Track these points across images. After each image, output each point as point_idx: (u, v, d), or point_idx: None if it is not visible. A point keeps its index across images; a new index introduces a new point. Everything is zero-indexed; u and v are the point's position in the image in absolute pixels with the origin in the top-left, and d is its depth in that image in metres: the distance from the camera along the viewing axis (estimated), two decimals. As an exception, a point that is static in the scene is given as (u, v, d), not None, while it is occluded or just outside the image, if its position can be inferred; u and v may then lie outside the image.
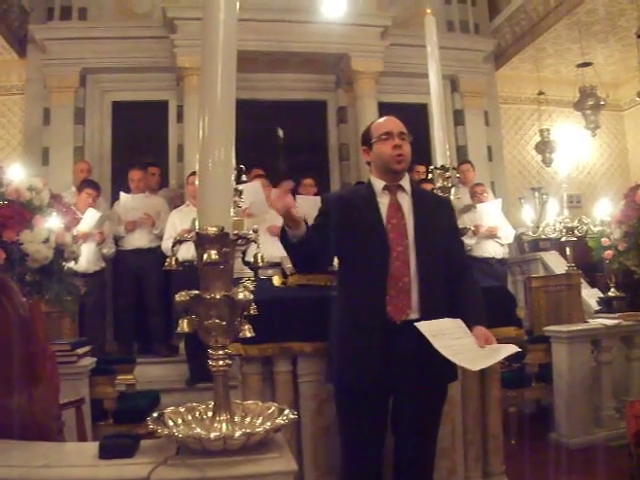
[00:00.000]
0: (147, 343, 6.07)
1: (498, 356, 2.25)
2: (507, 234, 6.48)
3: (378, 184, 2.46)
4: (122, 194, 6.08)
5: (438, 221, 2.46)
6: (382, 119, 2.52)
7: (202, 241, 1.44)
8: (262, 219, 5.57)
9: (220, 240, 1.43)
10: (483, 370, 3.03)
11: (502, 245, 6.44)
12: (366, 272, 2.34)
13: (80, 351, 3.78)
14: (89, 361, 3.83)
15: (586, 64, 7.96)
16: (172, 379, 5.47)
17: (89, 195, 5.63)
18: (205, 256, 1.42)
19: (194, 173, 4.90)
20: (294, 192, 6.32)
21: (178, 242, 1.54)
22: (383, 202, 2.43)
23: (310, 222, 2.42)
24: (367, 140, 2.50)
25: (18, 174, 3.50)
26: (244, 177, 3.32)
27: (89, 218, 5.46)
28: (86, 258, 5.49)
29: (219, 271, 1.45)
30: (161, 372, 5.52)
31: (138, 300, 6.01)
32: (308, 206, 6.14)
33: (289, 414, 1.55)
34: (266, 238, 5.47)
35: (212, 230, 1.42)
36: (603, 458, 3.76)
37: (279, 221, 5.75)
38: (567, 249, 5.33)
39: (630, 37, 7.43)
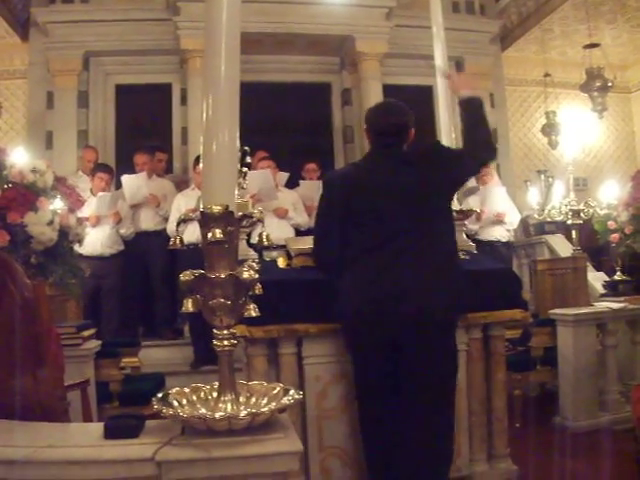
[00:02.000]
0: (152, 326, 6.08)
1: None
2: (513, 220, 6.46)
3: None
4: (123, 177, 6.01)
5: None
6: None
7: (207, 220, 1.43)
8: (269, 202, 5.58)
9: (225, 219, 1.42)
10: (489, 353, 3.05)
11: (508, 229, 6.43)
12: None
13: (85, 334, 3.78)
14: (94, 344, 3.83)
15: (593, 45, 7.86)
16: (177, 362, 5.50)
17: (102, 179, 5.62)
18: (210, 235, 1.41)
19: (199, 159, 4.85)
20: (298, 177, 6.35)
21: (183, 221, 1.53)
22: None
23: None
24: None
25: (22, 158, 3.49)
26: (248, 159, 3.29)
27: (100, 201, 5.46)
28: (100, 242, 5.50)
29: (224, 250, 1.44)
30: (166, 355, 5.54)
31: (143, 283, 6.00)
32: (312, 190, 6.20)
33: (294, 394, 1.54)
34: (272, 220, 5.49)
35: (217, 209, 1.40)
36: (608, 442, 3.76)
37: (286, 204, 5.82)
38: (573, 232, 5.31)
39: (639, 18, 7.34)
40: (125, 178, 5.91)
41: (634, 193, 4.66)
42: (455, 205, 3.24)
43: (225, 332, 1.49)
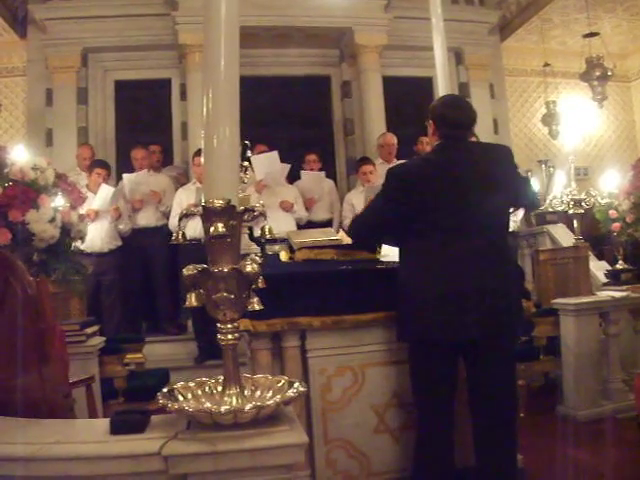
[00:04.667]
0: (155, 322, 6.10)
1: None
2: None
3: None
4: (125, 175, 6.05)
5: None
6: None
7: (209, 214, 1.42)
8: (273, 193, 5.57)
9: (227, 212, 1.42)
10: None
11: (514, 220, 6.40)
12: None
13: (89, 330, 3.79)
14: (98, 340, 3.84)
15: (593, 34, 7.83)
16: (181, 357, 5.52)
17: (99, 175, 5.63)
18: (212, 229, 1.41)
19: (199, 152, 4.86)
20: (298, 170, 6.34)
21: (185, 216, 1.53)
22: None
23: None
24: None
25: (22, 155, 3.49)
26: (249, 153, 3.29)
27: (103, 194, 5.46)
28: (100, 237, 5.50)
29: (226, 244, 1.44)
30: (170, 350, 5.56)
31: (146, 279, 6.01)
32: (313, 182, 6.19)
33: (299, 387, 1.54)
34: (278, 214, 5.49)
35: (218, 203, 1.40)
36: (611, 430, 3.77)
37: (290, 196, 5.81)
38: (574, 222, 5.30)
39: (638, 6, 7.33)
40: (126, 177, 5.94)
41: (635, 182, 4.66)
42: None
43: (229, 326, 1.49)
